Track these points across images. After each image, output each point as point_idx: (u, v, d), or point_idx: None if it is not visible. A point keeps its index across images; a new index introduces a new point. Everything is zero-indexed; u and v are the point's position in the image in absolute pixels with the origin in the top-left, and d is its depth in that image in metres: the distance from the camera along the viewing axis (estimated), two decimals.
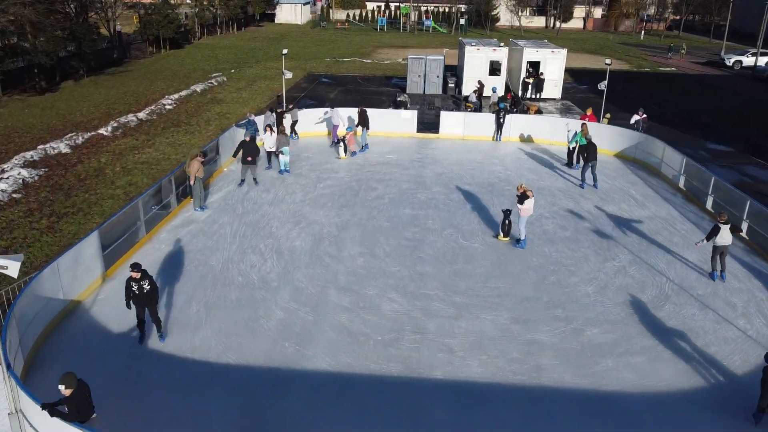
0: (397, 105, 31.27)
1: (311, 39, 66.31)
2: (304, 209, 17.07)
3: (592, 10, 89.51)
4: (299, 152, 22.41)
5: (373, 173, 20.43)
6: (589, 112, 24.48)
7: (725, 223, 13.05)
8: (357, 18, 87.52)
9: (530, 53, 34.77)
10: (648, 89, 40.07)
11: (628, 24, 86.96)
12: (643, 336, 11.30)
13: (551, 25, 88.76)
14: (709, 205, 17.64)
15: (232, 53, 52.35)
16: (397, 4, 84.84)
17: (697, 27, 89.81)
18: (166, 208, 16.28)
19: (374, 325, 11.43)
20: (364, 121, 22.84)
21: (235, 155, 18.96)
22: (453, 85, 35.93)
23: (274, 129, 20.06)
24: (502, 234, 15.35)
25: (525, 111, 30.82)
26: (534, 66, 35.21)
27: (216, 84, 36.92)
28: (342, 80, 40.34)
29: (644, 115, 22.71)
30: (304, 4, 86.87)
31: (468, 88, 34.78)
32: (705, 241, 13.42)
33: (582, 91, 38.53)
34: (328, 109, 24.46)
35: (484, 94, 31.56)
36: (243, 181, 18.87)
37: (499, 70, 34.88)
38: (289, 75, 24.89)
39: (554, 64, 34.65)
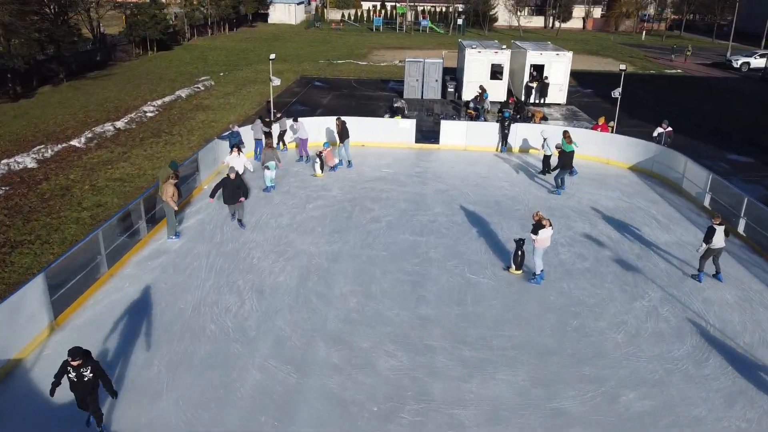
0: (394, 111, 29.48)
1: (305, 40, 64.44)
2: (290, 236, 15.23)
3: (592, 9, 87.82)
4: (288, 166, 20.57)
5: (368, 190, 18.61)
6: (601, 121, 22.70)
7: (720, 224, 13.01)
8: (352, 18, 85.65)
9: (534, 56, 32.98)
10: (654, 92, 38.39)
11: (628, 24, 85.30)
12: (689, 403, 9.51)
13: (550, 25, 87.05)
14: (741, 228, 15.87)
15: (222, 55, 50.47)
16: (393, 3, 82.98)
17: (699, 27, 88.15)
18: (134, 236, 14.44)
19: (369, 389, 9.60)
20: (344, 134, 20.64)
21: (213, 195, 15.40)
22: (452, 90, 34.11)
23: (240, 150, 17.39)
24: (514, 267, 13.55)
25: (529, 117, 29.09)
26: (538, 69, 33.43)
27: (203, 89, 35.04)
28: (336, 84, 38.51)
29: (669, 128, 20.73)
30: (298, 4, 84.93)
31: (468, 93, 32.99)
32: (704, 245, 13.11)
33: (587, 96, 36.82)
34: (291, 122, 21.70)
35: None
36: (233, 216, 15.99)
37: (501, 74, 33.12)
38: (277, 82, 23.04)
39: (559, 67, 32.86)
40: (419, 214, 16.82)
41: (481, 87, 30.60)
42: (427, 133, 25.49)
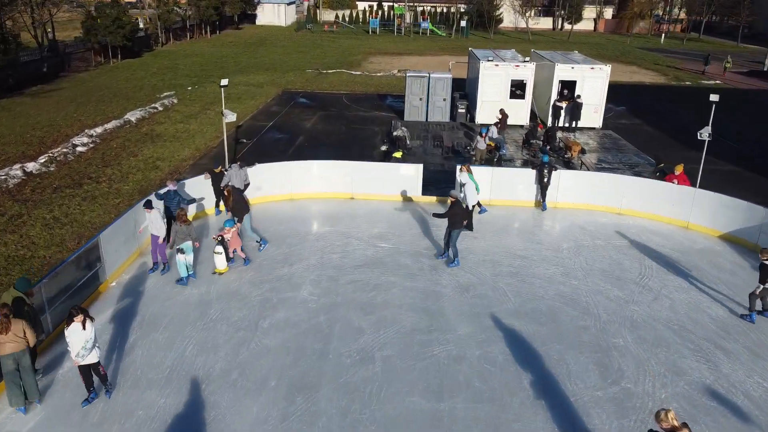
0: (393, 142, 23.43)
1: (294, 44, 58.27)
2: (222, 401, 9.11)
3: (603, 10, 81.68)
4: (248, 239, 14.49)
5: (355, 287, 12.51)
6: (678, 170, 16.56)
7: None
8: (347, 19, 79.45)
9: (563, 70, 26.90)
10: (698, 110, 32.23)
11: (642, 25, 79.21)
12: None
13: (559, 26, 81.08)
14: None
15: (196, 63, 44.30)
16: (391, 3, 76.81)
17: (722, 29, 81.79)
18: None
19: None
20: (238, 207, 13.79)
21: None
22: (463, 111, 28.00)
23: (90, 318, 8.75)
24: None
25: (561, 149, 23.08)
26: (567, 86, 27.37)
27: (161, 109, 28.84)
28: (324, 101, 32.39)
29: None
30: (288, 4, 78.71)
31: (483, 116, 26.99)
32: (762, 286, 11.57)
33: (623, 115, 30.75)
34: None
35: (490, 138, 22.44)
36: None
37: (523, 92, 27.07)
38: (231, 117, 16.73)
39: (594, 84, 26.78)
40: (434, 341, 10.72)
41: (501, 111, 24.57)
42: (436, 174, 19.54)
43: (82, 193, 17.64)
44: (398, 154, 20.99)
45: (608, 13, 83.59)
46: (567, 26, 77.47)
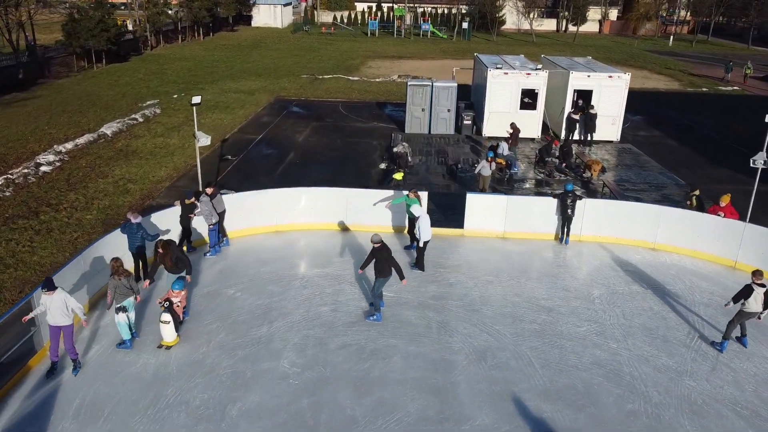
0: (393, 160, 21.18)
1: (290, 47, 56.00)
2: None
3: (608, 11, 79.42)
4: (220, 283, 12.28)
5: (347, 355, 10.25)
6: (725, 201, 14.26)
7: (761, 285, 10.14)
8: (345, 21, 77.19)
9: (578, 79, 24.62)
10: (719, 119, 30.11)
11: (649, 27, 76.99)
12: None
13: (563, 28, 78.86)
14: None
15: (185, 68, 42.03)
16: (391, 5, 74.54)
17: (732, 31, 79.48)
18: None
19: None
20: (179, 263, 11.03)
21: None
22: (469, 122, 25.74)
23: None
24: None
25: (581, 168, 20.88)
26: (582, 96, 25.17)
27: (141, 120, 26.58)
28: (319, 109, 30.16)
29: None
30: (285, 5, 76.45)
31: (490, 127, 24.81)
32: (732, 303, 10.47)
33: (640, 126, 28.50)
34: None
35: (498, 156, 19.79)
36: None
37: (535, 101, 24.83)
38: (204, 141, 14.38)
39: (612, 93, 24.52)
40: None
41: (512, 126, 22.40)
42: (442, 198, 17.35)
43: (36, 225, 15.38)
44: (398, 176, 18.72)
45: (613, 14, 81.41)
46: (571, 28, 75.39)
